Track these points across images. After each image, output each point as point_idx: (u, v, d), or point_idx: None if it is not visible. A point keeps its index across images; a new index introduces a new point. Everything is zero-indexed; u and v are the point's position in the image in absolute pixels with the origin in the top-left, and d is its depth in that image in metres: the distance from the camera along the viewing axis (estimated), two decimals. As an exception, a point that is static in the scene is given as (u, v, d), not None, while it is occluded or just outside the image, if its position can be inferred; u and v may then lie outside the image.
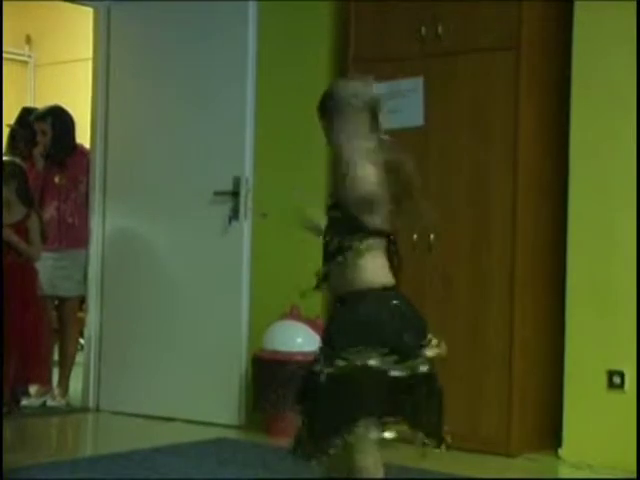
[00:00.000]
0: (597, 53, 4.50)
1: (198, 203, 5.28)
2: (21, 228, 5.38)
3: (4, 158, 5.62)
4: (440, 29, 4.74)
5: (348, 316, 2.79)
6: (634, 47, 4.36)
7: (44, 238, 5.48)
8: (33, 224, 5.44)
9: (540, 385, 4.69)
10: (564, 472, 4.43)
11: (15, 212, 5.41)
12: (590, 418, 4.46)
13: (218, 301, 5.23)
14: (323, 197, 5.30)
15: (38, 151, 5.74)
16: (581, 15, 4.52)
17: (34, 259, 5.43)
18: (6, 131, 6.13)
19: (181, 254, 5.36)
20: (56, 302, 5.74)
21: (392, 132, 4.86)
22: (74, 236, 5.67)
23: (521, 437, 4.57)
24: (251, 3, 5.17)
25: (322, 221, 2.91)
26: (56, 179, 5.67)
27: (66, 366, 5.59)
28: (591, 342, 4.48)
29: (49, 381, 5.60)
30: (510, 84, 4.58)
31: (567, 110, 4.57)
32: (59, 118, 5.75)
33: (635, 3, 4.38)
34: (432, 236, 4.73)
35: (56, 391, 5.59)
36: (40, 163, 5.75)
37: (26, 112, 6.24)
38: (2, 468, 3.72)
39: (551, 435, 4.60)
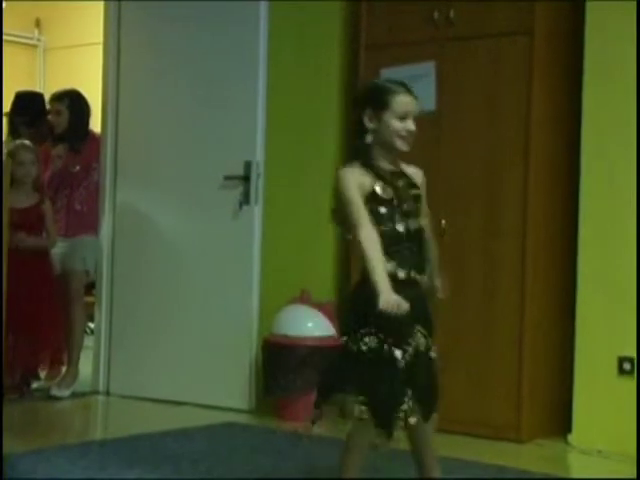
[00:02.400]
0: (610, 38, 4.47)
1: (209, 188, 5.28)
2: (33, 214, 5.34)
3: (16, 142, 5.56)
4: (452, 13, 4.72)
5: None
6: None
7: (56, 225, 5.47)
8: (48, 211, 5.41)
9: (550, 371, 4.68)
10: (574, 458, 4.43)
11: (28, 197, 5.36)
12: (600, 404, 4.46)
13: (228, 285, 5.24)
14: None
15: (58, 130, 5.67)
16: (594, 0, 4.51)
17: (51, 247, 5.42)
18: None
19: (192, 239, 5.36)
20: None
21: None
22: (82, 223, 5.65)
23: (531, 423, 4.57)
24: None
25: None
26: (69, 165, 5.64)
27: (74, 349, 5.55)
28: (601, 328, 4.47)
29: (62, 364, 5.58)
30: (523, 69, 4.56)
31: (580, 95, 4.56)
32: (76, 101, 5.72)
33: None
34: (444, 221, 4.72)
35: (62, 382, 5.52)
36: (56, 147, 5.71)
37: (19, 98, 6.21)
38: (2, 456, 3.73)
39: (561, 421, 4.60)
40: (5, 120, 6.15)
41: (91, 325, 5.96)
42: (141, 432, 4.46)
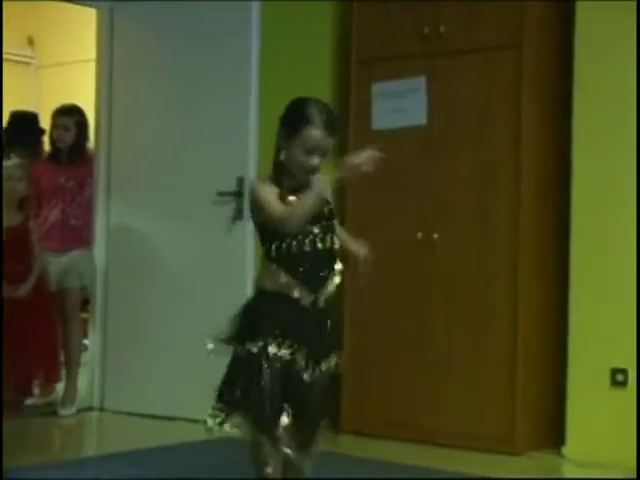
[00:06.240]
0: (599, 51, 4.51)
1: (202, 203, 5.29)
2: (18, 232, 5.32)
3: (11, 161, 5.56)
4: (442, 28, 4.76)
5: None
6: (634, 45, 4.36)
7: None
8: (33, 231, 5.37)
9: (544, 383, 4.69)
10: (568, 470, 4.44)
11: (13, 215, 5.34)
12: (594, 416, 4.47)
13: (222, 300, 5.21)
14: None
15: (62, 146, 5.66)
16: (583, 13, 4.53)
17: (38, 268, 5.39)
18: None
19: (185, 254, 5.37)
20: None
21: (395, 131, 4.95)
22: (77, 237, 5.65)
23: (525, 435, 4.58)
24: (254, 4, 5.17)
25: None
26: (62, 180, 5.64)
27: (72, 366, 5.56)
28: (594, 340, 4.49)
29: (58, 379, 5.58)
30: (512, 83, 4.59)
31: (570, 108, 4.58)
32: (82, 117, 5.72)
33: (635, 3, 4.40)
34: (435, 235, 4.74)
35: (65, 400, 5.50)
36: (64, 159, 5.67)
37: (15, 117, 6.21)
38: (2, 468, 3.73)
39: (555, 433, 4.61)
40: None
41: (85, 342, 5.96)
42: (136, 448, 4.47)
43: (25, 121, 6.26)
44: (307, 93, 5.31)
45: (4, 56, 8.90)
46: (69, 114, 5.67)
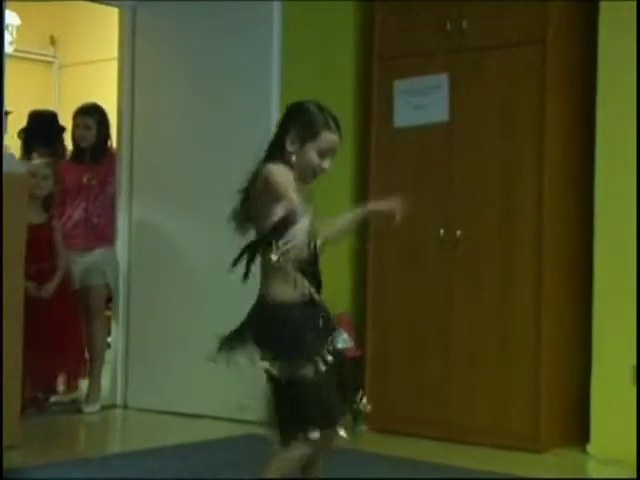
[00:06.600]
0: (623, 46, 4.48)
1: (223, 201, 5.24)
2: (43, 231, 5.32)
3: (37, 160, 5.58)
4: (465, 24, 4.74)
5: None
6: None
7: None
8: (57, 230, 5.37)
9: (568, 381, 4.68)
10: (592, 467, 4.43)
11: (38, 214, 5.32)
12: (617, 413, 4.45)
13: (245, 298, 5.22)
14: (347, 193, 5.33)
15: (85, 145, 5.67)
16: (607, 8, 4.51)
17: (62, 267, 5.39)
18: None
19: (206, 252, 5.37)
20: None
21: (417, 128, 4.94)
22: (99, 236, 5.67)
23: (549, 433, 4.56)
24: (275, 3, 5.18)
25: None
26: (84, 179, 5.66)
27: (95, 364, 5.58)
28: (618, 338, 4.46)
29: (81, 377, 5.61)
30: (536, 79, 4.57)
31: (593, 104, 4.56)
32: (103, 116, 5.74)
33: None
34: (459, 232, 4.73)
35: (89, 398, 5.51)
36: (87, 158, 5.67)
37: (34, 118, 6.23)
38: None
39: (579, 431, 4.59)
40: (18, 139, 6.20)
41: (108, 339, 5.98)
42: (159, 445, 4.48)
43: (44, 120, 6.27)
44: (329, 91, 5.37)
45: (26, 56, 9.03)
46: (90, 113, 5.69)
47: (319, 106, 3.00)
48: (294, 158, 2.96)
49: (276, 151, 3.01)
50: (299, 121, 2.98)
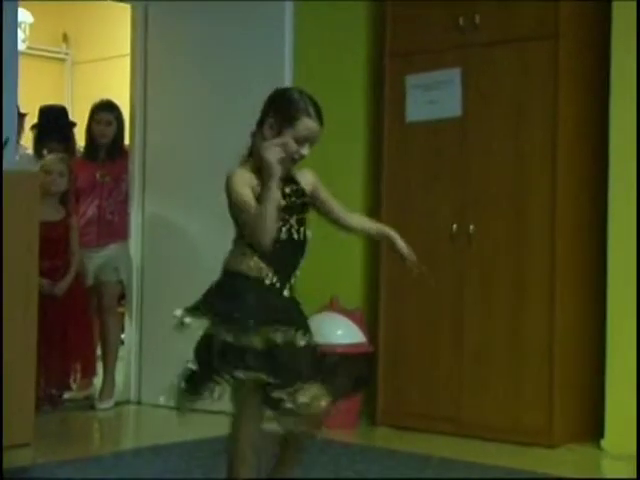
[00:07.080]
0: (636, 42, 4.46)
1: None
2: (59, 228, 5.33)
3: (51, 156, 5.57)
4: (477, 19, 4.73)
5: None
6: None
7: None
8: (74, 228, 5.38)
9: (582, 376, 4.66)
10: (606, 463, 4.41)
11: (55, 210, 5.32)
12: (632, 409, 4.43)
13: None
14: (360, 189, 5.32)
15: (104, 141, 5.66)
16: (619, 3, 4.49)
17: (75, 266, 5.39)
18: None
19: (220, 247, 5.35)
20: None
21: (429, 123, 4.94)
22: (113, 232, 5.68)
23: (563, 428, 4.55)
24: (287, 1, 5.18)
25: None
26: (98, 176, 5.67)
27: (109, 361, 5.59)
28: (633, 332, 4.44)
29: (94, 373, 5.62)
30: (549, 73, 4.56)
31: (606, 99, 4.54)
32: (121, 113, 5.74)
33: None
34: (471, 227, 4.72)
35: (103, 394, 5.53)
36: (102, 155, 5.69)
37: (45, 113, 6.23)
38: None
39: (593, 426, 4.58)
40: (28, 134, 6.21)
41: (122, 335, 5.99)
42: (173, 441, 4.49)
43: (55, 115, 6.26)
44: (341, 85, 5.37)
45: (39, 53, 9.06)
46: (110, 109, 5.68)
47: (301, 93, 3.01)
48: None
49: (256, 138, 3.09)
50: (278, 107, 3.02)
